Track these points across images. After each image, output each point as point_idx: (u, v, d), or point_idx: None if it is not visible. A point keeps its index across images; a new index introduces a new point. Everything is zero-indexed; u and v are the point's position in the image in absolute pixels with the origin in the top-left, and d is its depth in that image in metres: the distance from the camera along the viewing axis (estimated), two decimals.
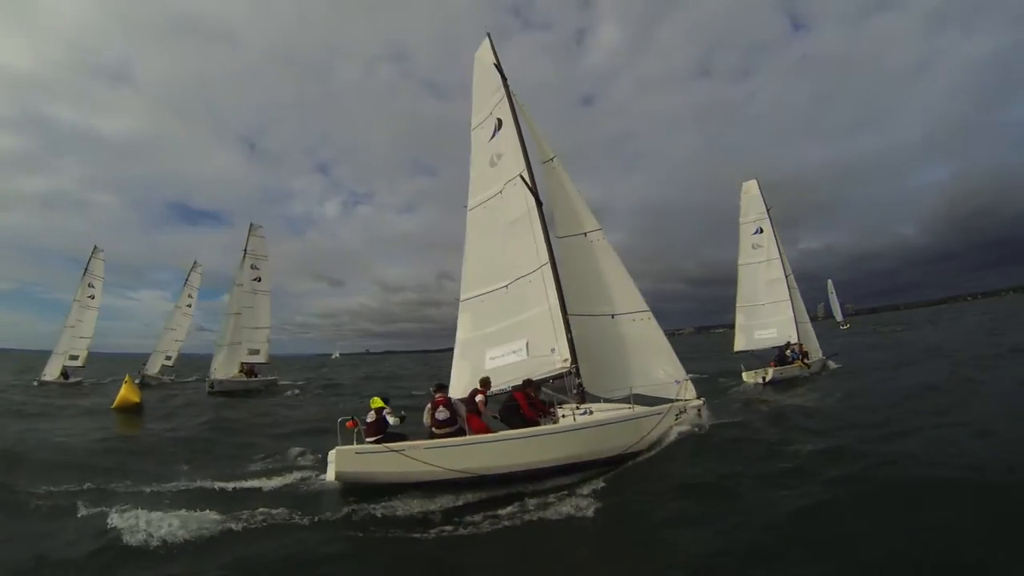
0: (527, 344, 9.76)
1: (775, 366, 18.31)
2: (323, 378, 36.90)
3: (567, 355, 9.31)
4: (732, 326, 22.40)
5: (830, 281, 54.77)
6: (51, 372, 29.46)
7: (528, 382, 8.81)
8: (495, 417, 8.47)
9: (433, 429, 7.96)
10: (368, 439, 7.66)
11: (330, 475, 7.42)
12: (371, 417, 7.89)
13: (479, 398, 8.36)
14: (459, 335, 10.80)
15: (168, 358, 33.71)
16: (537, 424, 8.19)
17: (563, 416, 8.31)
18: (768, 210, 21.78)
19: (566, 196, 10.74)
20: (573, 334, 9.53)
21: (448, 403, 8.10)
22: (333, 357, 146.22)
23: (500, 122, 11.12)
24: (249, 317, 29.13)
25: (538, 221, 9.97)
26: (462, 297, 10.92)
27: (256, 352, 29.33)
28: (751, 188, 22.27)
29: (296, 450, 10.01)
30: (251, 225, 30.51)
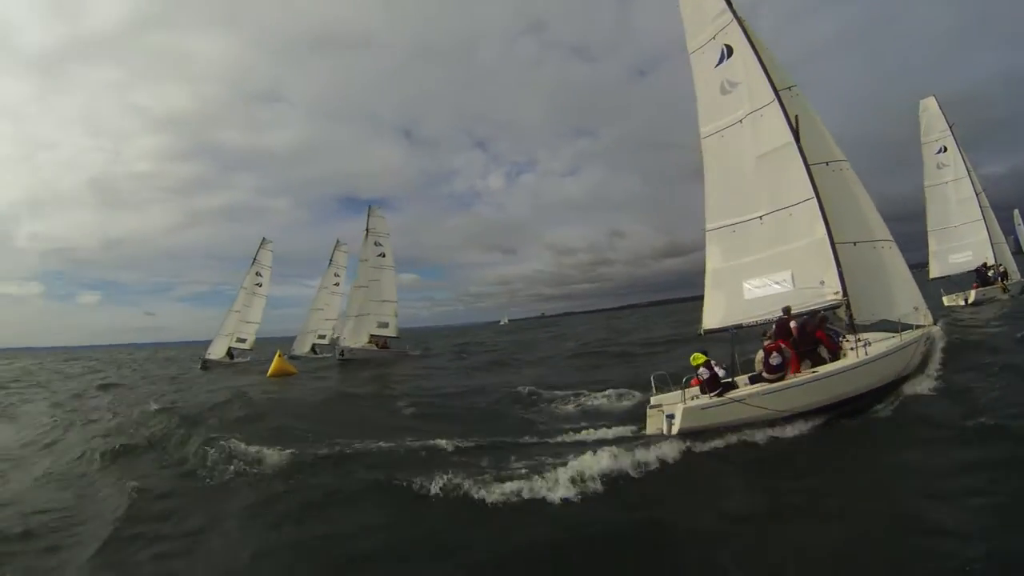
0: (792, 276, 9.80)
1: (977, 287, 18.22)
2: (467, 347, 37.63)
3: (838, 287, 9.28)
4: (923, 266, 20.94)
5: (1017, 211, 41.30)
6: (216, 352, 32.86)
7: (788, 311, 9.15)
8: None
9: (764, 374, 8.50)
10: (706, 394, 8.43)
11: (674, 430, 7.94)
12: (704, 374, 8.53)
13: (792, 324, 8.92)
14: (709, 265, 10.86)
15: (321, 336, 36.15)
16: (839, 358, 8.80)
17: (851, 349, 8.81)
18: (951, 127, 20.09)
19: (812, 125, 10.39)
20: None
21: (780, 350, 8.47)
22: (501, 323, 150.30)
23: (729, 48, 10.85)
24: (375, 290, 31.20)
25: (798, 154, 9.80)
26: (708, 227, 10.93)
27: (385, 325, 31.07)
28: (929, 106, 20.73)
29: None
30: (369, 207, 32.74)
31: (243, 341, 34.56)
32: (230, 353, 33.38)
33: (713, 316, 10.57)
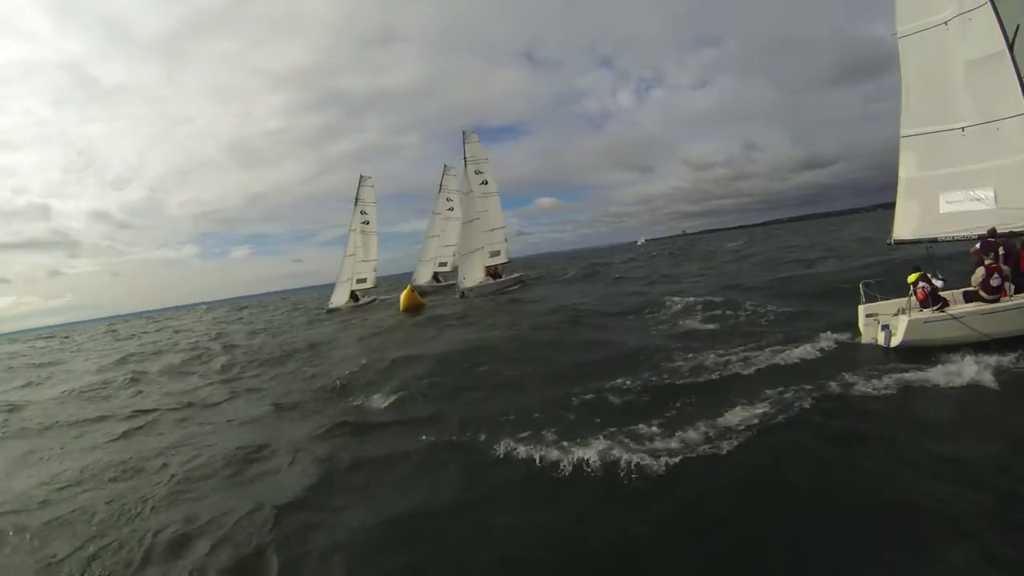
0: (995, 194, 9.50)
1: None
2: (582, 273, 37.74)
3: None
4: None
5: None
6: (338, 299, 33.80)
7: (993, 233, 9.00)
8: None
9: (982, 292, 8.61)
10: (925, 309, 8.70)
11: (894, 342, 8.56)
12: (924, 289, 8.76)
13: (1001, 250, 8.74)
14: (902, 173, 10.64)
15: (442, 264, 37.10)
16: None
17: None
18: None
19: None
20: None
21: (1000, 270, 8.52)
22: (638, 244, 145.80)
23: None
24: (484, 221, 30.81)
25: (1012, 64, 9.15)
26: (903, 133, 10.58)
27: (497, 253, 31.19)
28: None
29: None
30: (464, 133, 31.56)
31: (363, 281, 35.81)
32: (354, 296, 34.67)
33: (905, 226, 10.60)
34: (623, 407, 7.69)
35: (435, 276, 36.39)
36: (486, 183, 31.52)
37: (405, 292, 26.05)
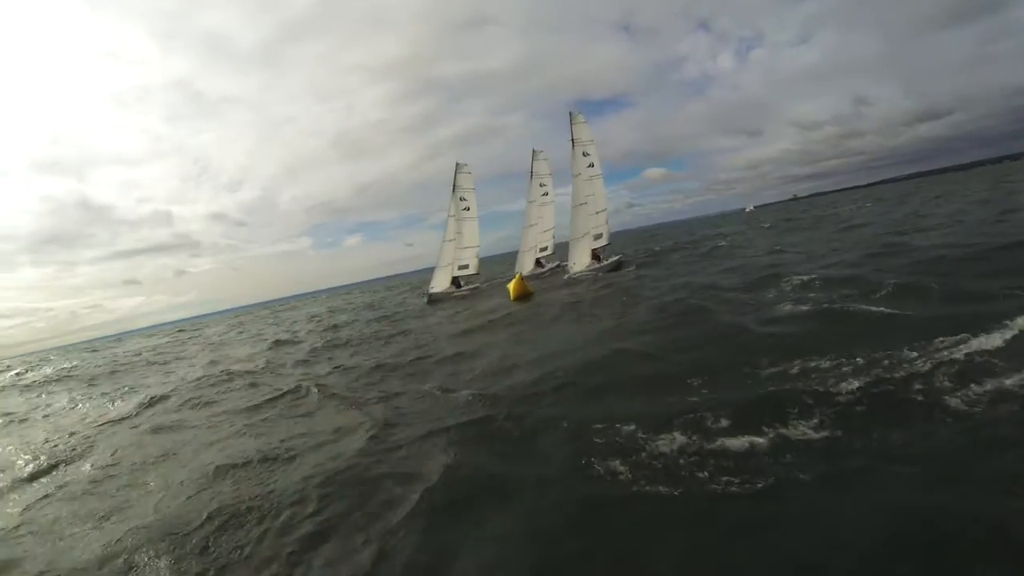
0: None
1: None
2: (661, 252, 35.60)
3: None
4: None
5: None
6: (439, 284, 33.09)
7: None
8: None
9: None
10: None
11: None
12: None
13: None
14: None
15: (543, 249, 36.10)
16: None
17: None
18: None
19: None
20: None
21: None
22: (747, 211, 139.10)
23: None
24: (591, 204, 29.43)
25: None
26: None
27: (600, 236, 29.83)
28: None
29: None
30: (571, 114, 30.00)
31: (465, 267, 35.37)
32: (456, 282, 34.06)
33: None
34: None
35: (538, 262, 35.47)
36: (592, 165, 30.08)
37: (514, 282, 25.12)
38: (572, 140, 29.54)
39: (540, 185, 36.61)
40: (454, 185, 35.58)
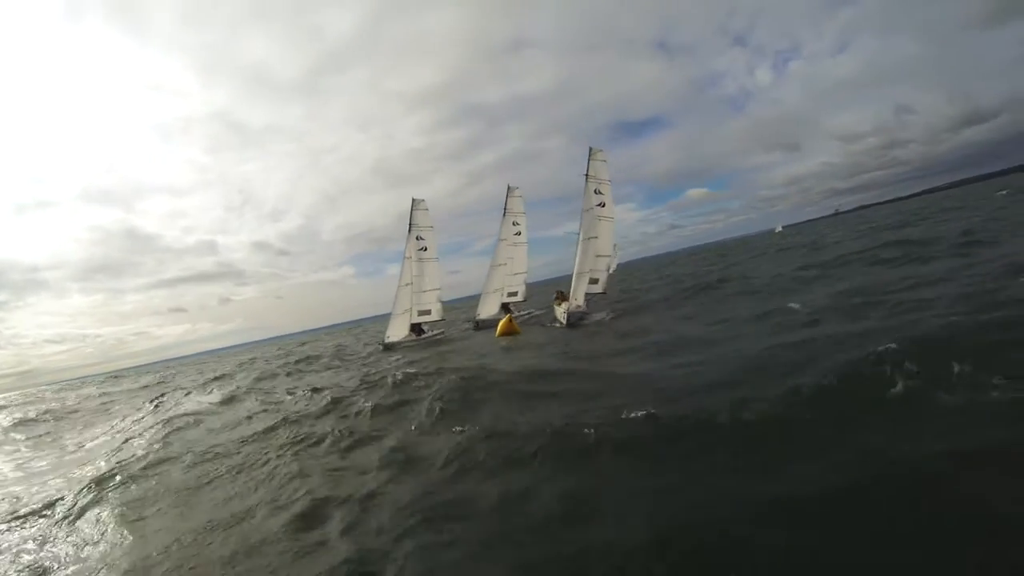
0: None
1: None
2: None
3: None
4: None
5: None
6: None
7: None
8: None
9: None
10: None
11: None
12: None
13: None
14: None
15: (512, 294, 34.48)
16: None
17: None
18: None
19: None
20: None
21: None
22: (776, 231, 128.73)
23: None
24: (595, 245, 26.41)
25: None
26: None
27: (595, 281, 26.65)
28: None
29: None
30: (591, 149, 26.59)
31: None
32: (506, 308, 33.33)
33: None
34: None
35: (505, 307, 31.81)
36: (603, 205, 26.63)
37: (503, 323, 25.42)
38: (587, 175, 26.41)
39: (513, 224, 33.75)
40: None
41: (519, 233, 34.96)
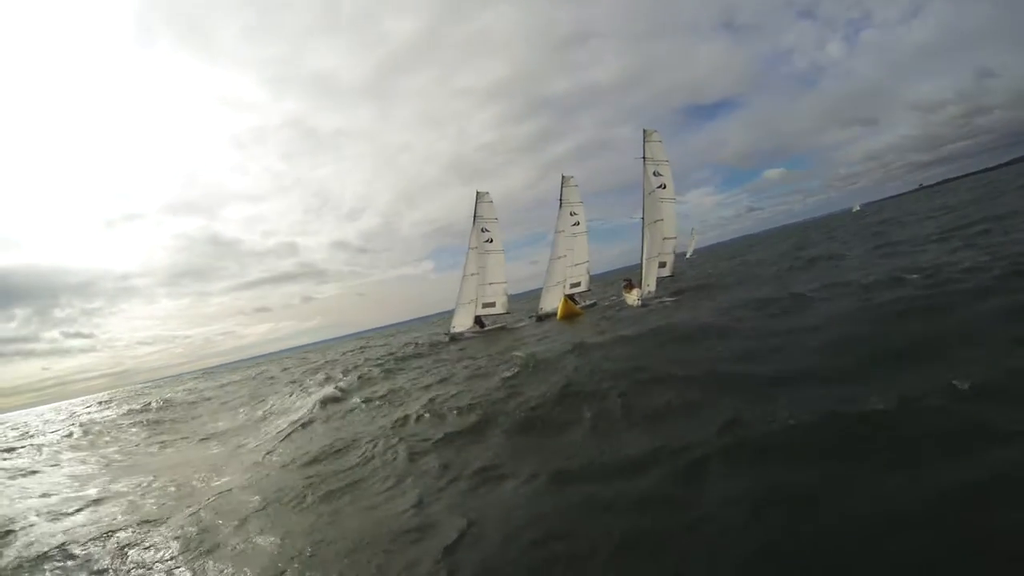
0: None
1: None
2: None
3: None
4: None
5: None
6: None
7: None
8: None
9: None
10: None
11: None
12: None
13: None
14: None
15: (575, 284, 34.18)
16: None
17: None
18: None
19: None
20: None
21: None
22: (854, 210, 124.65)
23: None
24: (659, 228, 26.24)
25: None
26: None
27: (663, 265, 26.64)
28: None
29: None
30: (644, 131, 26.63)
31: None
32: (571, 298, 33.08)
33: None
34: None
35: (570, 298, 31.05)
36: (664, 186, 26.34)
37: (561, 304, 26.81)
38: (644, 158, 26.28)
39: (571, 214, 33.22)
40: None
41: (577, 223, 34.84)
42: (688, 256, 26.54)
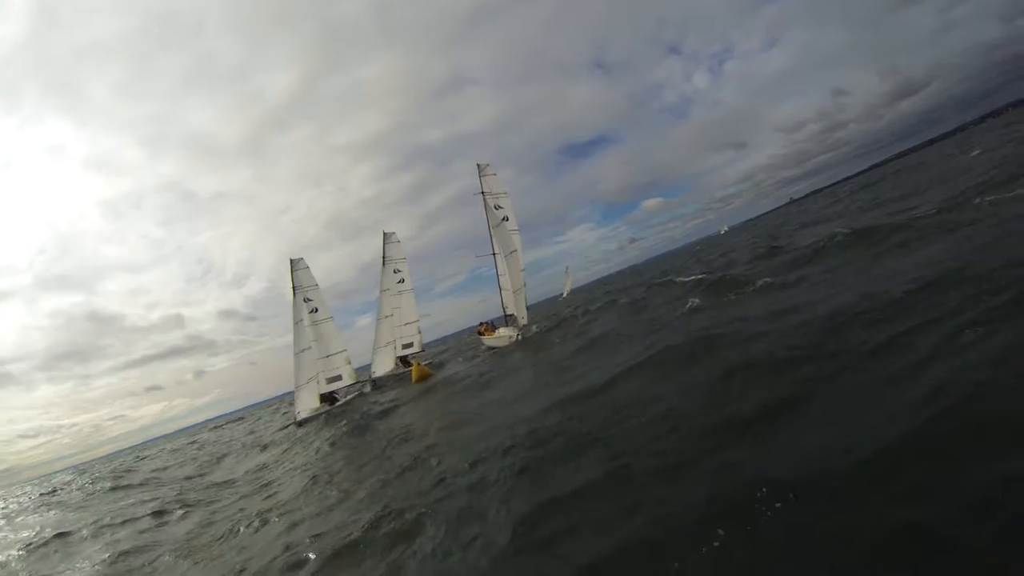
0: None
1: None
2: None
3: None
4: None
5: None
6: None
7: None
8: None
9: None
10: None
11: None
12: None
13: None
14: None
15: (407, 345, 32.07)
16: None
17: None
18: None
19: None
20: None
21: None
22: (722, 232, 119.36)
23: None
24: (515, 259, 25.56)
25: None
26: None
27: (511, 316, 26.09)
28: None
29: None
30: (478, 166, 26.72)
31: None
32: (404, 360, 30.64)
33: None
34: None
35: (404, 360, 30.33)
36: (507, 219, 26.39)
37: (414, 368, 23.81)
38: (483, 193, 26.09)
39: (395, 271, 32.00)
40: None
41: (402, 280, 32.52)
42: (564, 296, 26.12)
